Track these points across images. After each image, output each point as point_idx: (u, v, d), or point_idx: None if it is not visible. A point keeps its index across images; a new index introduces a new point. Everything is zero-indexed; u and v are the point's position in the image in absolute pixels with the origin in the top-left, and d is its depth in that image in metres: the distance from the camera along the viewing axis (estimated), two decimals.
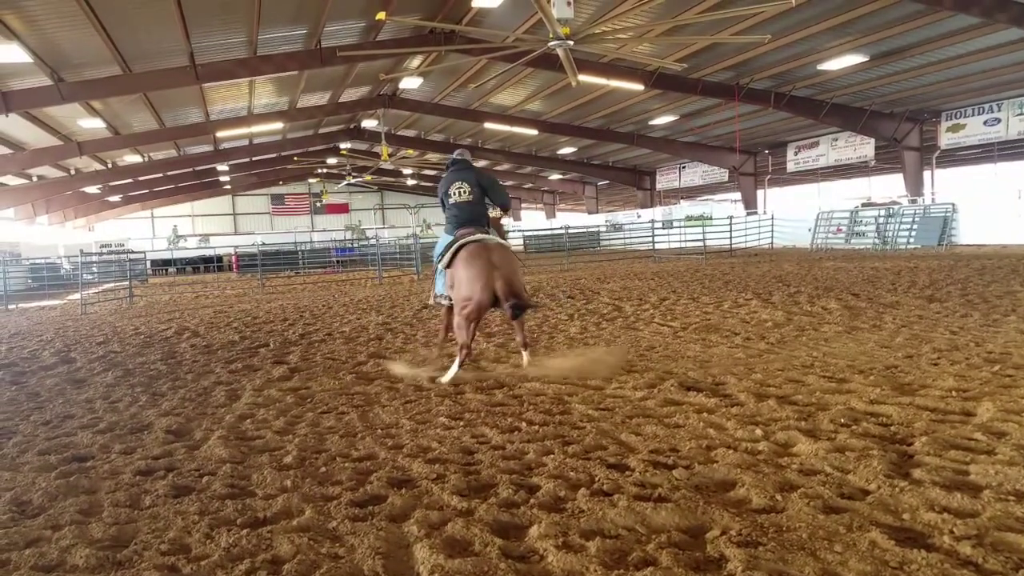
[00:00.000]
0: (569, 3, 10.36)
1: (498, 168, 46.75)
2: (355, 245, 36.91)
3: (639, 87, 23.62)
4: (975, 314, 8.15)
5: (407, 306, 12.66)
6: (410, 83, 25.92)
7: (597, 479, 3.56)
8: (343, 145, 38.09)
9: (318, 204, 54.57)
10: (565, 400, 5.21)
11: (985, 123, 24.45)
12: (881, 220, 25.55)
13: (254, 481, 3.83)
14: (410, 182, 50.92)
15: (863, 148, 28.95)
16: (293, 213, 56.14)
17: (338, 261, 32.05)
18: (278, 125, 29.01)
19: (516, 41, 12.62)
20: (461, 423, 4.76)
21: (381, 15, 11.39)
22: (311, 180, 53.02)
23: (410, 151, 34.33)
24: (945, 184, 28.81)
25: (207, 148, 33.52)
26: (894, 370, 5.57)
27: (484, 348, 7.72)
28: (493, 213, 6.72)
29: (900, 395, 4.80)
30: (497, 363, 6.86)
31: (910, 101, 25.22)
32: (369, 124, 33.54)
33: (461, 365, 6.02)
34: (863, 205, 28.42)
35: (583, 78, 16.62)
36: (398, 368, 6.62)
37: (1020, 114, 23.43)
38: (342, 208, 56.23)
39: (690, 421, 4.50)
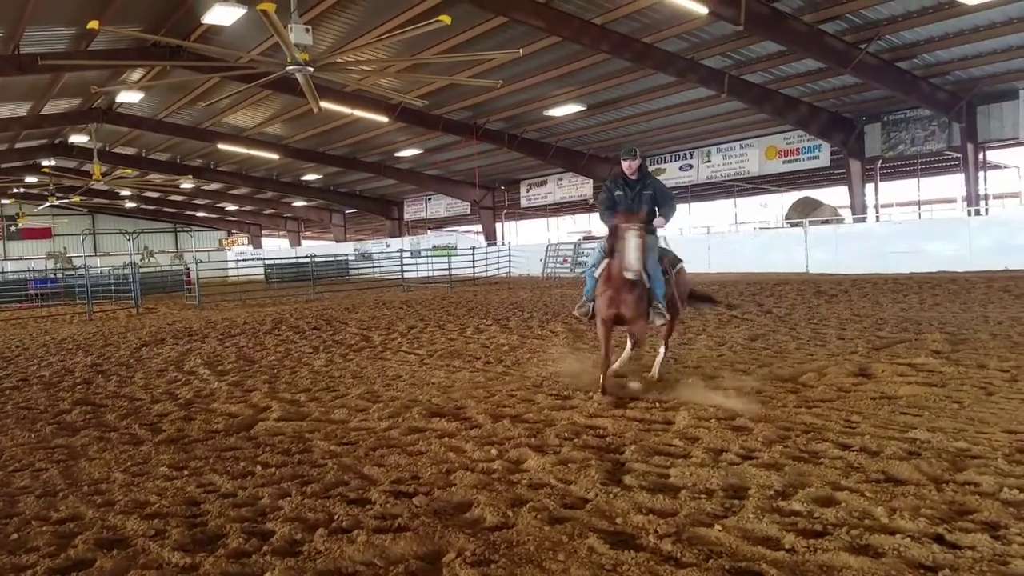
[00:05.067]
0: (308, 30, 10.15)
1: (234, 192, 43.96)
2: (59, 275, 31.92)
3: (383, 119, 23.88)
4: (674, 333, 9.42)
5: (123, 344, 11.26)
6: (129, 97, 23.39)
7: (336, 517, 3.47)
8: (46, 162, 33.06)
9: (12, 228, 46.53)
10: (306, 438, 5.01)
11: (680, 168, 28.68)
12: (600, 251, 28.51)
13: None
14: (128, 204, 45.64)
15: (583, 187, 32.41)
16: None
17: (37, 294, 27.37)
18: None
19: (252, 62, 12.04)
20: (186, 472, 4.35)
21: (93, 24, 10.09)
22: (4, 201, 45.07)
23: (128, 171, 30.80)
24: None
25: None
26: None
27: (216, 387, 7.15)
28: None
29: (614, 408, 5.37)
30: (228, 403, 6.38)
31: (620, 147, 28.36)
32: (79, 139, 29.57)
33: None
34: (584, 238, 31.52)
35: (326, 105, 16.36)
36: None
37: (707, 162, 27.88)
38: (43, 233, 48.60)
39: (432, 447, 4.60)
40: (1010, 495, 3.33)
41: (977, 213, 20.89)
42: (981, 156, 21.49)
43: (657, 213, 6.17)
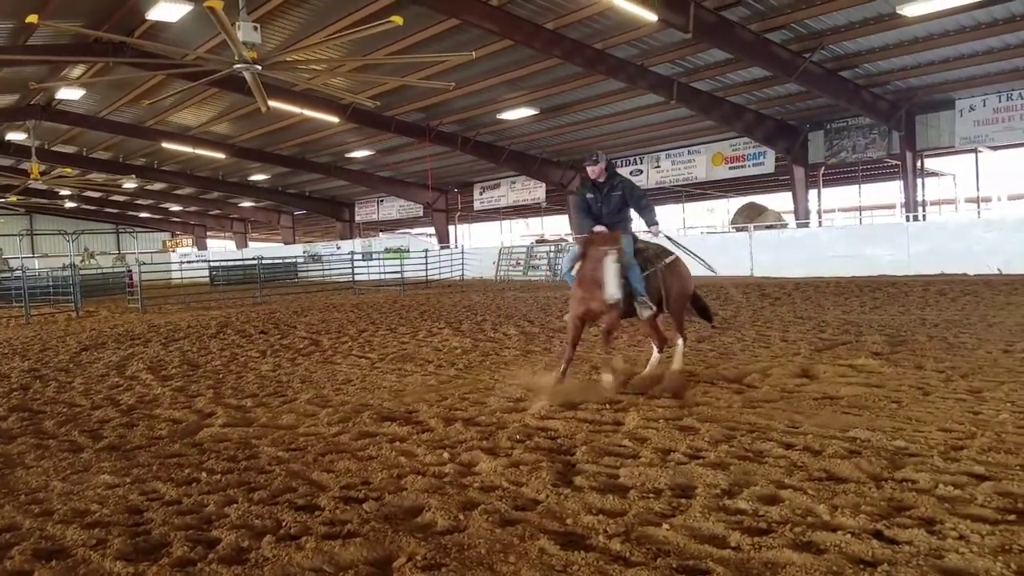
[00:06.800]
0: (256, 28, 9.97)
1: (179, 192, 42.79)
2: None
3: (334, 119, 23.58)
4: (624, 336, 9.54)
5: (63, 348, 10.86)
6: (70, 94, 22.57)
7: (284, 523, 3.42)
8: None
9: None
10: (253, 444, 4.91)
11: (631, 173, 29.03)
12: (552, 255, 28.66)
13: None
14: (68, 204, 43.98)
15: (536, 191, 32.59)
16: None
17: None
18: None
19: (198, 60, 11.76)
20: (128, 479, 4.23)
21: (32, 18, 9.70)
22: None
23: (68, 169, 29.69)
24: None
25: None
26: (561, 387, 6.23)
27: (159, 393, 6.95)
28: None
29: (566, 410, 5.41)
30: (172, 408, 6.22)
31: (572, 152, 28.98)
32: (16, 137, 28.41)
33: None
34: (537, 241, 31.64)
35: (275, 105, 16.08)
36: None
37: (657, 167, 28.34)
38: None
39: (383, 452, 4.56)
40: (945, 491, 3.47)
41: (915, 219, 21.74)
42: (919, 164, 22.39)
43: (634, 216, 6.58)
